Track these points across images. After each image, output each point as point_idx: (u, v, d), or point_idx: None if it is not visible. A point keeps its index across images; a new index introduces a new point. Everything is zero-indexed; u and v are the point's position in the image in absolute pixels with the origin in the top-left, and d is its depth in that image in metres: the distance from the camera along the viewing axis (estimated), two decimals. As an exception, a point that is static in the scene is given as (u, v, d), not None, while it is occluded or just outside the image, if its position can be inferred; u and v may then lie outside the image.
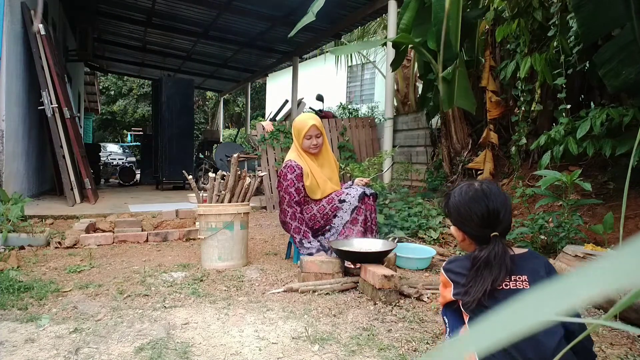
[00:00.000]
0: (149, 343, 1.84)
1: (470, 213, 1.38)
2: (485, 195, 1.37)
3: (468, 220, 1.40)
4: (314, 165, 3.18)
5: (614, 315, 1.93)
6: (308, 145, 3.16)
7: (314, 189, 3.14)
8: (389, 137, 5.90)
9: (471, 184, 1.43)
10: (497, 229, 1.37)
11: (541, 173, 3.21)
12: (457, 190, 1.45)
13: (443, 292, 1.49)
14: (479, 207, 1.37)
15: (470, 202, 1.39)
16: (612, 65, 3.06)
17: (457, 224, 1.45)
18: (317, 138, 3.16)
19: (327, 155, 3.33)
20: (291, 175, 3.08)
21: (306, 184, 3.11)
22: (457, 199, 1.42)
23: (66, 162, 5.59)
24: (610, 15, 3.06)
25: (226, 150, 9.33)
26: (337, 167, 3.39)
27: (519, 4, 4.16)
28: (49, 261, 3.19)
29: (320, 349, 1.81)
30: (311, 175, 3.14)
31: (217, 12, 7.98)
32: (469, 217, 1.39)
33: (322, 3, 4.07)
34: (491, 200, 1.37)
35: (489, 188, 1.39)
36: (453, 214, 1.45)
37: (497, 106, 4.74)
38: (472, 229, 1.41)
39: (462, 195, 1.41)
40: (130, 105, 23.79)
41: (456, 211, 1.43)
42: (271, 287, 2.67)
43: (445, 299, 1.47)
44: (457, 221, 1.45)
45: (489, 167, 4.70)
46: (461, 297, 1.38)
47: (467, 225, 1.41)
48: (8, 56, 5.09)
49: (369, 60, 10.32)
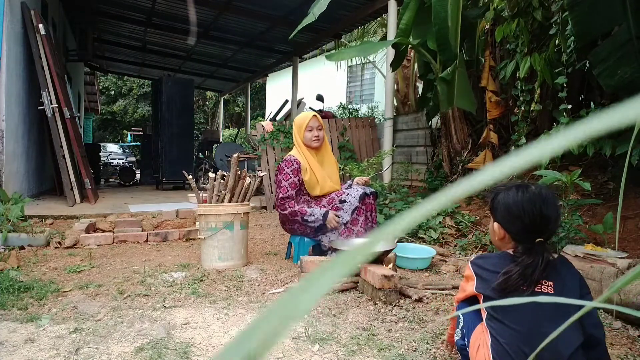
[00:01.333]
0: (149, 343, 1.84)
1: (522, 214, 1.36)
2: (542, 200, 1.35)
3: (517, 221, 1.38)
4: (313, 161, 3.19)
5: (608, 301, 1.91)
6: (310, 138, 3.17)
7: (313, 185, 3.15)
8: (389, 137, 5.90)
9: (528, 186, 1.41)
10: (543, 235, 1.36)
11: (541, 173, 3.21)
12: (511, 189, 1.42)
13: (464, 286, 1.48)
14: (533, 210, 1.35)
15: (525, 203, 1.36)
16: (608, 65, 3.05)
17: (503, 222, 1.43)
18: (318, 130, 3.19)
19: (328, 153, 3.34)
20: (288, 168, 3.11)
21: (304, 178, 3.12)
22: (511, 198, 1.39)
23: (66, 162, 5.59)
24: (605, 15, 3.06)
25: (226, 150, 9.34)
26: (337, 168, 3.40)
27: (518, 4, 4.16)
28: (49, 261, 3.19)
29: (320, 349, 1.81)
30: (310, 171, 3.15)
31: (217, 12, 7.98)
32: (520, 217, 1.37)
33: (324, 5, 4.07)
34: (546, 206, 1.35)
35: (546, 194, 1.38)
36: (502, 211, 1.42)
37: (497, 106, 4.74)
38: (518, 230, 1.39)
39: (518, 195, 1.38)
40: (130, 105, 23.79)
41: (506, 209, 1.40)
42: (271, 287, 2.67)
43: (465, 292, 1.46)
44: (504, 219, 1.42)
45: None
46: (482, 291, 1.38)
47: (515, 225, 1.39)
48: (8, 56, 5.09)
49: (369, 60, 10.32)
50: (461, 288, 1.51)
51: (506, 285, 1.32)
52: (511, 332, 1.30)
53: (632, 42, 2.93)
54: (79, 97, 12.34)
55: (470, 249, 3.58)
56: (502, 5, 4.47)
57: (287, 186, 3.07)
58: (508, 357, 1.28)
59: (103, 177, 11.36)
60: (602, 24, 3.14)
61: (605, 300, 1.82)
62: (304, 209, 3.04)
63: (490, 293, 1.35)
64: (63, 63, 7.88)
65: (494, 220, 1.47)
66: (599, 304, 0.30)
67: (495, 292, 1.34)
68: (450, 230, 3.94)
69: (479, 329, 1.42)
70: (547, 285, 1.33)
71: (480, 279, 1.40)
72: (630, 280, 0.27)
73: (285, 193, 3.07)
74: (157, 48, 11.10)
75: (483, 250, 3.55)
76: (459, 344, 1.49)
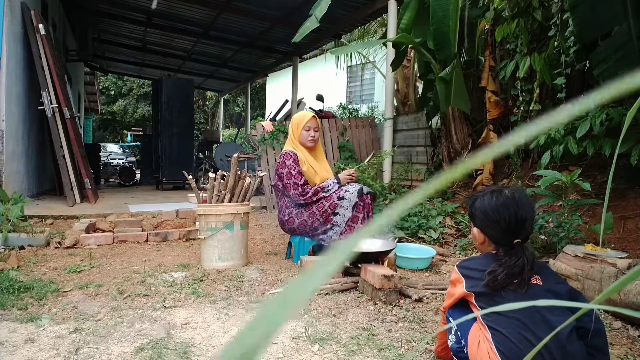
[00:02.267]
0: (149, 343, 1.84)
1: (498, 218, 1.43)
2: (516, 203, 1.42)
3: (494, 225, 1.44)
4: (309, 156, 3.24)
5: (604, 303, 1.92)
6: (306, 137, 3.22)
7: (312, 175, 3.19)
8: (389, 137, 5.90)
9: (502, 190, 1.48)
10: (520, 236, 1.43)
11: (541, 173, 3.21)
12: (487, 194, 1.49)
13: (452, 291, 1.52)
14: (508, 213, 1.42)
15: (500, 207, 1.43)
16: (608, 65, 3.06)
17: (482, 227, 1.49)
18: (315, 131, 3.23)
19: (321, 154, 3.42)
20: (289, 161, 3.13)
21: (303, 169, 3.14)
22: (487, 203, 1.46)
23: (66, 162, 5.59)
24: (606, 15, 3.06)
25: (226, 150, 9.33)
26: (329, 168, 3.44)
27: (518, 4, 4.16)
28: (49, 261, 3.18)
29: (320, 349, 1.81)
30: (307, 163, 3.19)
31: (217, 12, 7.98)
32: (496, 221, 1.43)
33: (325, 8, 4.08)
34: (520, 209, 1.41)
35: (519, 197, 1.44)
36: (479, 216, 1.49)
37: (497, 106, 4.74)
38: (496, 233, 1.46)
39: (492, 200, 1.45)
40: (130, 105, 23.79)
41: (483, 214, 1.47)
42: (271, 287, 2.67)
43: (454, 297, 1.50)
44: (482, 224, 1.49)
45: (489, 167, 4.69)
46: (474, 289, 1.42)
47: (493, 229, 1.46)
48: (8, 56, 5.09)
49: (369, 60, 10.31)
50: (448, 295, 1.55)
51: (494, 284, 1.38)
52: (510, 320, 1.35)
53: (632, 42, 2.93)
54: (79, 97, 12.34)
55: (470, 249, 3.58)
56: (502, 6, 4.47)
57: (297, 174, 3.11)
58: (511, 344, 1.31)
59: (103, 177, 11.36)
60: (602, 24, 3.14)
61: (606, 300, 1.83)
62: (320, 185, 3.12)
63: (482, 289, 1.41)
64: (63, 63, 7.89)
65: (474, 226, 1.54)
66: (597, 305, 0.30)
67: (487, 287, 1.40)
68: (450, 230, 3.94)
69: (475, 327, 1.45)
70: (535, 278, 1.41)
71: (469, 279, 1.46)
72: (629, 281, 0.27)
73: (300, 179, 3.10)
74: (157, 48, 11.10)
75: (483, 250, 3.55)
76: (455, 348, 1.51)
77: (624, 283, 0.27)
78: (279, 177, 3.18)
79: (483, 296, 1.40)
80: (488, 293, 1.39)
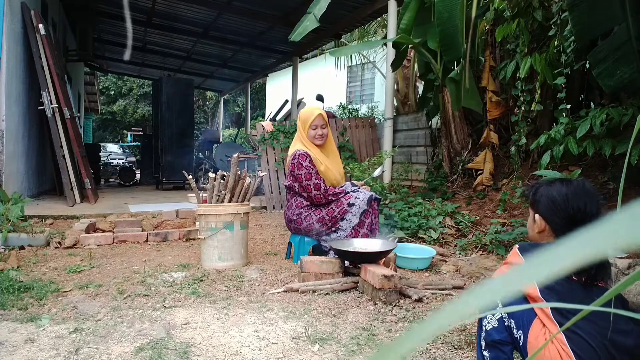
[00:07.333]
0: (149, 343, 1.84)
1: (567, 205, 1.36)
2: (587, 193, 1.36)
3: (561, 212, 1.37)
4: (320, 154, 3.21)
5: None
6: (313, 136, 3.18)
7: (328, 174, 3.17)
8: (389, 137, 5.90)
9: (570, 179, 1.42)
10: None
11: (541, 173, 3.21)
12: (555, 182, 1.42)
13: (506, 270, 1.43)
14: (578, 201, 1.35)
15: (571, 195, 1.36)
16: (607, 65, 3.05)
17: (546, 214, 1.41)
18: (322, 128, 3.19)
19: (333, 147, 3.36)
20: (305, 162, 3.09)
21: (320, 169, 3.11)
22: (556, 190, 1.39)
23: (66, 162, 5.59)
24: (604, 15, 3.06)
25: (226, 150, 9.33)
26: (341, 163, 3.43)
27: (519, 4, 4.16)
28: (49, 261, 3.18)
29: (320, 349, 1.81)
30: (323, 163, 3.17)
31: (217, 12, 7.98)
32: (564, 209, 1.36)
33: (324, 6, 4.08)
34: (590, 201, 1.36)
35: (591, 188, 1.39)
36: (545, 202, 1.41)
37: (497, 106, 4.74)
38: (561, 221, 1.38)
39: (563, 188, 1.39)
40: (130, 105, 23.79)
41: (550, 200, 1.40)
42: (271, 287, 2.67)
43: None
44: (547, 210, 1.41)
45: (489, 167, 4.69)
46: None
47: (558, 216, 1.38)
48: (8, 56, 5.09)
49: (369, 60, 10.32)
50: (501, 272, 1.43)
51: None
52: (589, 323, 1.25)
53: (631, 42, 2.93)
54: (79, 97, 12.34)
55: (470, 249, 3.58)
56: (503, 6, 4.47)
57: (316, 175, 3.09)
58: (590, 348, 1.22)
59: (103, 177, 11.35)
60: (602, 24, 3.14)
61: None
62: (339, 188, 3.15)
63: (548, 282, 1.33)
64: (63, 63, 7.89)
65: (534, 213, 1.46)
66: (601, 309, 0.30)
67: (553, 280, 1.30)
68: (450, 231, 3.94)
69: (537, 323, 1.33)
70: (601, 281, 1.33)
71: None
72: (630, 283, 0.27)
73: (320, 180, 3.08)
74: (157, 48, 11.10)
75: (483, 250, 3.55)
76: (493, 335, 1.36)
77: (627, 284, 0.27)
78: (295, 178, 3.13)
79: (550, 290, 1.29)
80: (556, 289, 1.28)
